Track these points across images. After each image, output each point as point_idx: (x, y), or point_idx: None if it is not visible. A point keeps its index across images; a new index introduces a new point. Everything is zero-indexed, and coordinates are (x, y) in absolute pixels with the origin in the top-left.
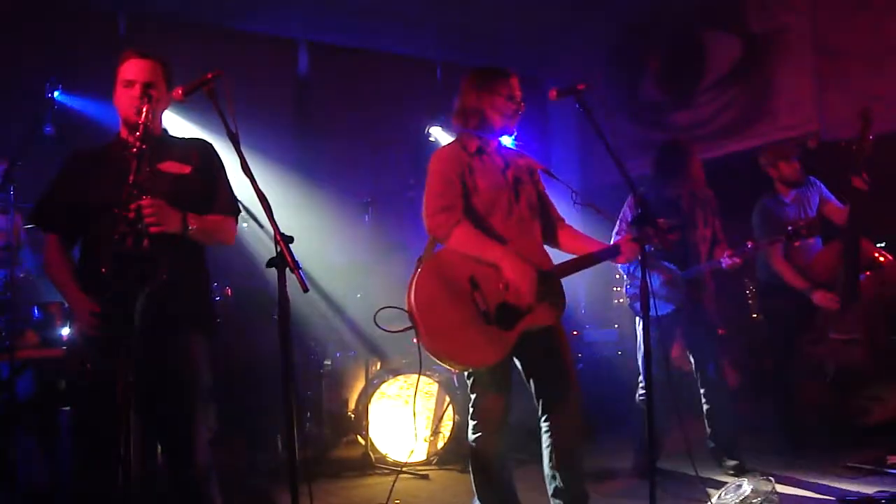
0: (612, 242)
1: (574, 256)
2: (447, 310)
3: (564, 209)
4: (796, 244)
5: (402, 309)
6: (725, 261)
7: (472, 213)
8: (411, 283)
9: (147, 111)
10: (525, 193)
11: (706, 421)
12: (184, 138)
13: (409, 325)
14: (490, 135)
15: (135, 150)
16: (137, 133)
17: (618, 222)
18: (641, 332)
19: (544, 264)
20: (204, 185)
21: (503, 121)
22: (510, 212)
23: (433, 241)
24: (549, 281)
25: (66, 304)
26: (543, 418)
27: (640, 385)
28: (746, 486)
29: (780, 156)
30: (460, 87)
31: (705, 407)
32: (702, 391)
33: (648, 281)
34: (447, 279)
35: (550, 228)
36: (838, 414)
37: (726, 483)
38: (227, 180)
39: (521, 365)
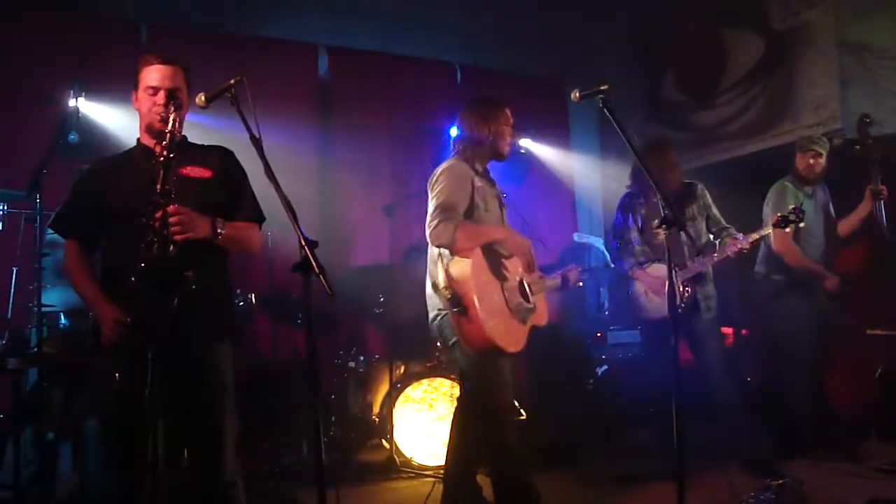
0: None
1: None
2: (494, 294)
3: None
4: (786, 230)
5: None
6: (731, 248)
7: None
8: (458, 264)
9: (174, 120)
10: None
11: (723, 423)
12: (204, 145)
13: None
14: (490, 163)
15: (161, 158)
16: (164, 142)
17: (613, 228)
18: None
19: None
20: (226, 190)
21: (506, 149)
22: None
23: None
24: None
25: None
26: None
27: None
28: (775, 489)
29: (799, 146)
30: (466, 118)
31: (718, 408)
32: (711, 392)
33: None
34: (488, 268)
35: None
36: (887, 411)
37: (755, 485)
38: (250, 187)
39: None
